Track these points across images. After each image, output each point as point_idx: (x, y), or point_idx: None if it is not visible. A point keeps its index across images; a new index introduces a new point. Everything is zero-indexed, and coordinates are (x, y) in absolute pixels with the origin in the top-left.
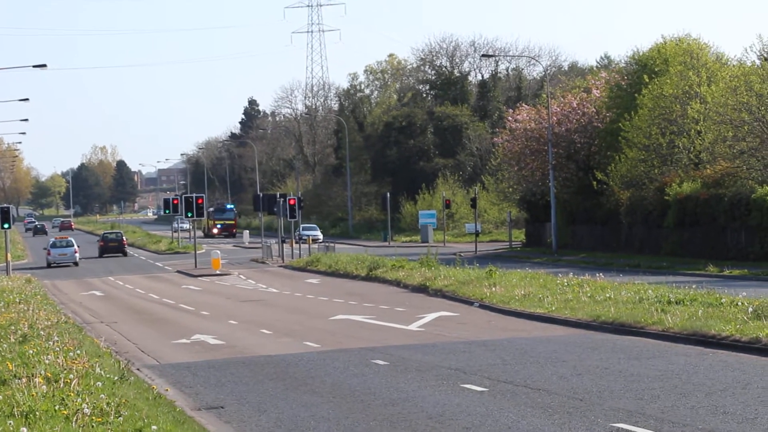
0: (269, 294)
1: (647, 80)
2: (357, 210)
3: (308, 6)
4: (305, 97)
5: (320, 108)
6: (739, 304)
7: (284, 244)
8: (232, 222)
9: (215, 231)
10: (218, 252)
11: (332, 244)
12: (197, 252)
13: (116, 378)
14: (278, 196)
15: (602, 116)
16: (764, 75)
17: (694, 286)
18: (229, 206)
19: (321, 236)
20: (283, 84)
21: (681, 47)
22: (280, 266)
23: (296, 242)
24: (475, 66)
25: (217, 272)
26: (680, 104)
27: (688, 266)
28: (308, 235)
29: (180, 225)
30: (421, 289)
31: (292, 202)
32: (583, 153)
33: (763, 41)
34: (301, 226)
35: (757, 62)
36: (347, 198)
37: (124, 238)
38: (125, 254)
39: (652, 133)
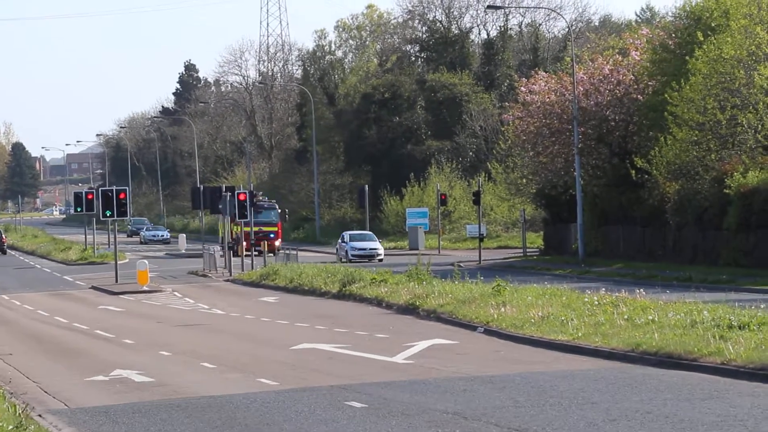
0: (212, 316)
1: (702, 39)
2: (326, 207)
3: None
4: (259, 62)
5: (279, 75)
6: None
7: (232, 252)
8: (275, 228)
9: (245, 243)
10: (146, 262)
11: (294, 252)
12: (119, 262)
13: (11, 428)
14: (224, 189)
15: (643, 86)
16: None
17: (763, 306)
18: (266, 202)
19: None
20: (229, 44)
21: None
22: (227, 280)
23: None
24: (478, 21)
25: (145, 288)
26: (745, 69)
27: (756, 280)
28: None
29: (147, 233)
30: (410, 309)
31: (242, 197)
32: (618, 133)
33: None
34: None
35: None
36: (314, 192)
37: (2, 235)
38: (4, 252)
39: (708, 108)
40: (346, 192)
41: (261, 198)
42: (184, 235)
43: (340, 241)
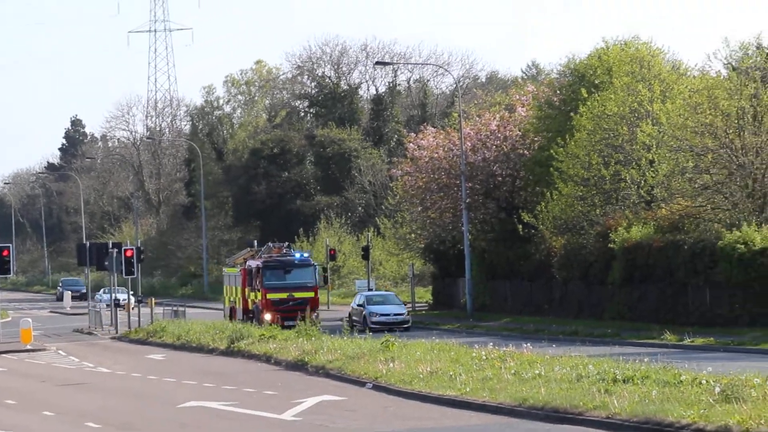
0: (98, 375)
1: (586, 96)
2: (215, 263)
3: None
4: (147, 117)
5: (167, 130)
6: (704, 382)
7: (119, 309)
8: (311, 293)
9: (270, 315)
10: (29, 320)
11: (182, 308)
12: (1, 320)
13: None
14: (111, 245)
15: (529, 141)
16: (732, 89)
17: (646, 360)
18: (299, 254)
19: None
20: (117, 99)
21: (627, 53)
22: (113, 338)
23: (134, 307)
24: (367, 77)
25: (28, 347)
26: (628, 126)
27: (639, 334)
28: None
29: (99, 297)
30: (299, 365)
31: (128, 253)
32: (505, 188)
33: (731, 46)
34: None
35: (724, 72)
36: (202, 247)
37: None
38: None
39: (592, 163)
40: (235, 248)
41: (287, 249)
42: (69, 292)
43: (353, 304)
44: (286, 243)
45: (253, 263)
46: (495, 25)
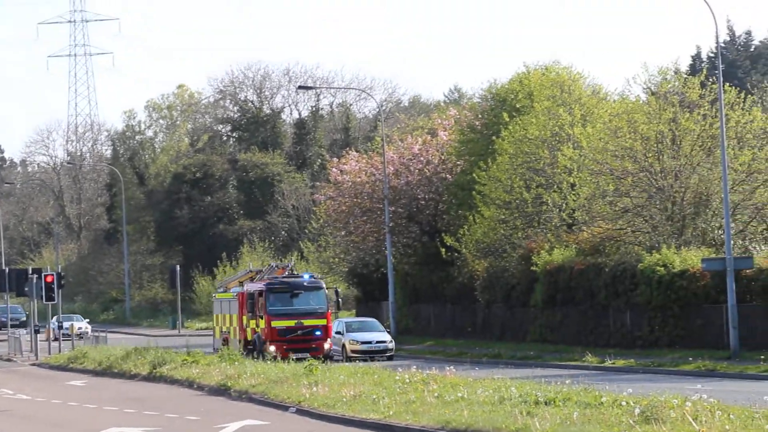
0: (17, 402)
1: (507, 119)
2: (137, 288)
3: (70, 22)
4: (67, 141)
5: (88, 155)
6: (624, 403)
7: (38, 335)
8: (323, 321)
9: (275, 347)
10: None
11: (104, 334)
12: None
13: None
14: (31, 271)
15: (451, 165)
16: (652, 113)
17: (568, 382)
18: (308, 275)
19: (88, 328)
20: (36, 124)
21: (548, 78)
22: (33, 364)
23: (55, 337)
24: (290, 101)
25: None
26: (549, 149)
27: (561, 356)
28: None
29: (57, 324)
30: (222, 390)
31: (49, 279)
32: (427, 212)
33: (650, 71)
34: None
35: (643, 97)
36: (124, 272)
37: None
38: None
39: (514, 187)
40: (157, 272)
41: (292, 271)
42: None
43: (334, 332)
44: (290, 263)
45: (254, 286)
46: (418, 49)
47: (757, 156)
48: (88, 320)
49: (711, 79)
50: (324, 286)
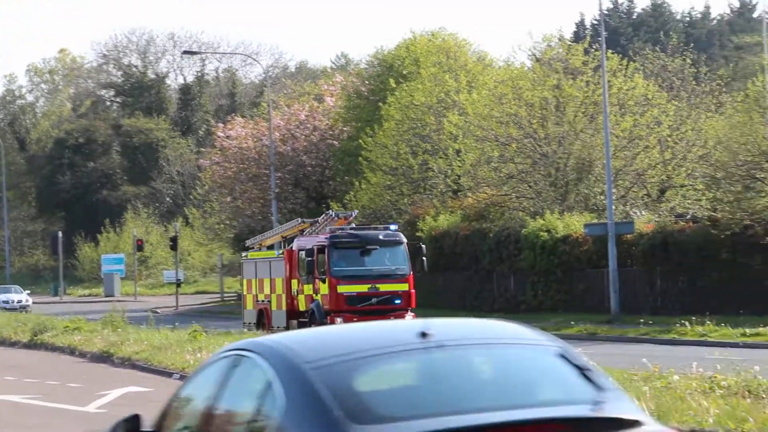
0: None
1: (394, 86)
2: (18, 255)
3: None
4: None
5: None
6: None
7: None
8: (405, 285)
9: (344, 320)
10: None
11: None
12: None
13: None
14: None
15: (338, 131)
16: (536, 80)
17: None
18: (383, 228)
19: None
20: None
21: (434, 44)
22: None
23: None
24: (175, 66)
25: None
26: (435, 116)
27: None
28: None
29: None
30: (104, 357)
31: None
32: (314, 178)
33: (534, 38)
34: None
35: (528, 64)
36: (4, 239)
37: None
38: None
39: (400, 153)
40: (38, 239)
41: (352, 220)
42: None
43: None
44: (353, 212)
45: (309, 241)
46: (305, 15)
47: (639, 122)
48: (28, 291)
49: (594, 46)
50: (405, 240)
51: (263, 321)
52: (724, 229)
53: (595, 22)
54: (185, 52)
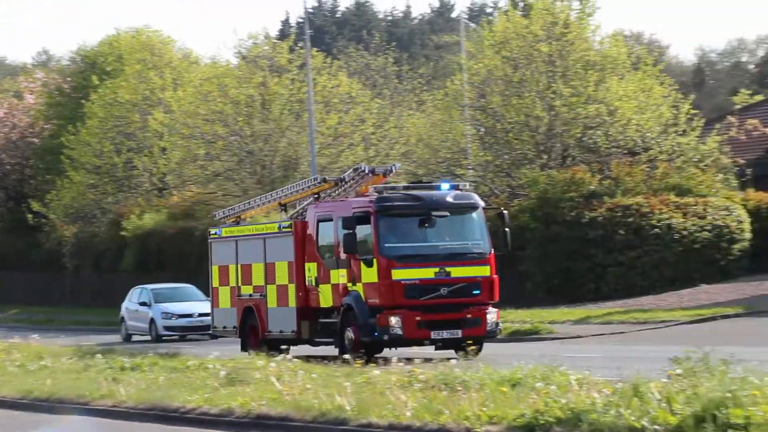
0: None
1: (97, 83)
2: None
3: None
4: None
5: None
6: (210, 367)
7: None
8: (487, 269)
9: (404, 318)
10: None
11: None
12: None
13: None
14: None
15: (39, 129)
16: (242, 77)
17: (161, 350)
18: (450, 186)
19: None
20: None
21: (139, 41)
22: None
23: None
24: None
25: None
26: (140, 113)
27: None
28: None
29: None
30: None
31: None
32: (13, 177)
33: (240, 36)
34: None
35: (234, 62)
36: None
37: None
38: None
39: (104, 151)
40: None
41: (390, 178)
42: None
43: (127, 305)
44: (394, 165)
45: (336, 208)
46: (4, 10)
47: (343, 120)
48: None
49: (299, 44)
50: (482, 204)
51: (251, 324)
52: None
53: (301, 21)
54: None
